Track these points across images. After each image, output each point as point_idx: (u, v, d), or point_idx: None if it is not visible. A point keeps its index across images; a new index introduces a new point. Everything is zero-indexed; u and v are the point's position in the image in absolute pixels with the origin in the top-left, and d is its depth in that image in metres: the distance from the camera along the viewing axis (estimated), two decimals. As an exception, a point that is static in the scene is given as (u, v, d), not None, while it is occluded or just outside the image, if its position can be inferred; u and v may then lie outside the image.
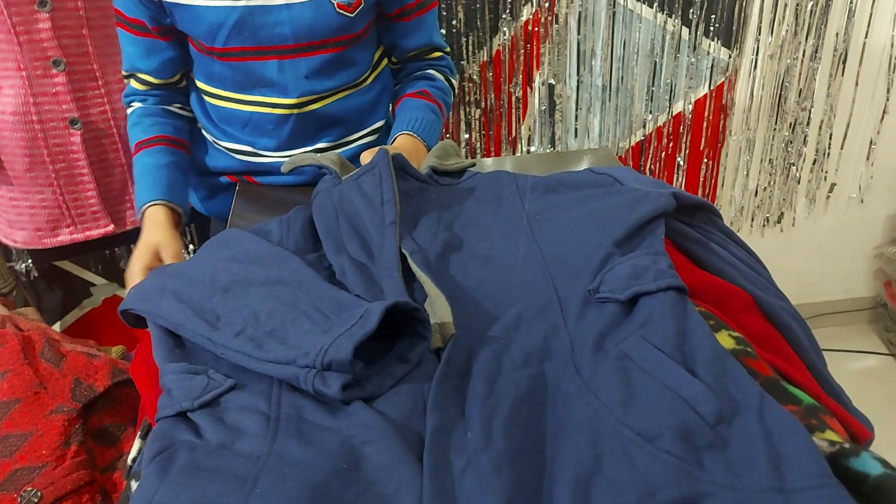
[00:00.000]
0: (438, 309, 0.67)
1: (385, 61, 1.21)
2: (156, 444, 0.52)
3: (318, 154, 0.94)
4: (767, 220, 2.20)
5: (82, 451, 0.93)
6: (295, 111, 1.07)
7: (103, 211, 1.30)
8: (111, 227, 1.32)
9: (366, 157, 0.98)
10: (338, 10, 1.02)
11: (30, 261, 1.64)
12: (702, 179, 2.06)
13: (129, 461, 0.64)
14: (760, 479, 0.47)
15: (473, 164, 0.98)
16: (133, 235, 1.42)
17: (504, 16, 1.77)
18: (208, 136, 1.16)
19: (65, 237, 1.30)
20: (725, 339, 0.67)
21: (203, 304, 0.64)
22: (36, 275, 1.65)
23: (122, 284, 1.80)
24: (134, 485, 0.59)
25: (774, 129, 2.03)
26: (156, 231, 1.01)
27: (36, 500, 0.87)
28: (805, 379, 0.69)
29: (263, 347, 0.59)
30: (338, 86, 1.09)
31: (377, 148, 0.90)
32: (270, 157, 1.12)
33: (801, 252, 2.28)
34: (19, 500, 0.86)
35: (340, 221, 0.80)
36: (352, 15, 1.03)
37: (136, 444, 0.65)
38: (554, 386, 0.59)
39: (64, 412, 0.93)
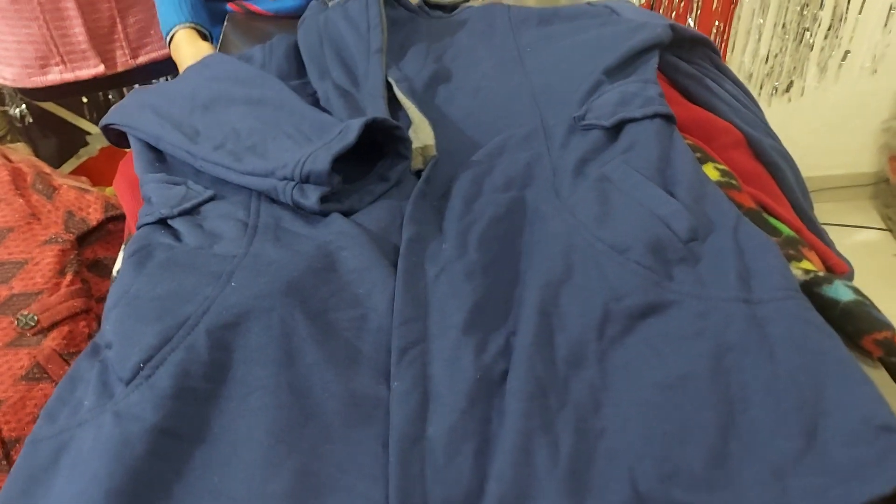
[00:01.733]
0: (422, 133, 0.66)
1: None
2: (134, 245, 0.52)
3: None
4: (776, 90, 2.14)
5: (77, 281, 0.95)
6: None
7: (92, 50, 1.27)
8: (101, 68, 1.29)
9: None
10: None
11: (24, 105, 1.62)
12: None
13: (113, 273, 0.65)
14: (728, 290, 0.48)
15: (468, 0, 0.94)
16: (125, 78, 1.39)
17: None
18: None
19: (55, 76, 1.28)
20: (711, 171, 0.66)
21: (182, 119, 0.63)
22: (31, 120, 1.63)
23: (117, 135, 1.78)
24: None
25: (792, -10, 1.94)
26: (200, 46, 1.00)
27: (33, 324, 0.90)
28: (788, 215, 0.69)
29: (242, 160, 0.58)
30: None
31: None
32: None
33: (807, 124, 2.23)
34: (16, 322, 0.89)
35: (325, 48, 0.77)
36: None
37: (121, 255, 0.66)
38: (532, 208, 0.59)
39: (58, 243, 0.94)
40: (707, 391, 0.43)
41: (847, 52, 2.07)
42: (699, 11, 1.92)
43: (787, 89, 2.13)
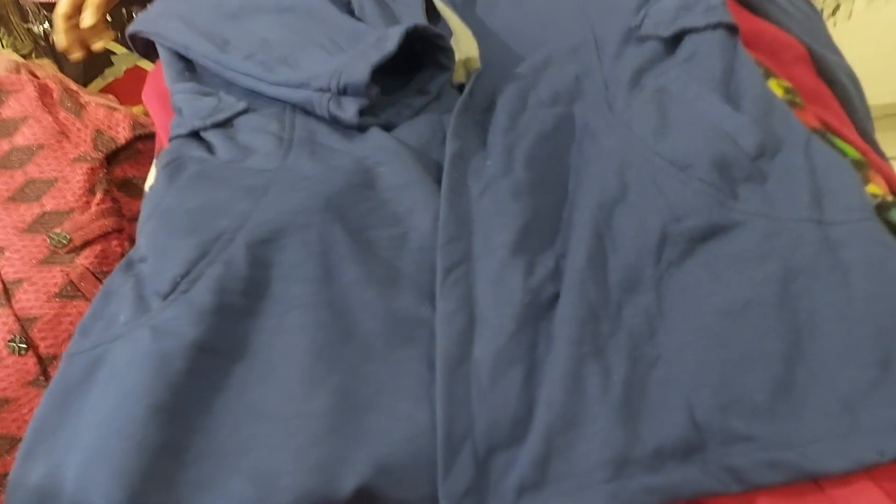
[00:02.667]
0: (463, 44, 0.62)
1: None
2: (166, 157, 0.50)
3: None
4: (821, 13, 2.03)
5: (108, 200, 0.93)
6: None
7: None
8: (123, -18, 1.25)
9: None
10: None
11: (48, 23, 1.58)
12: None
13: (146, 188, 0.63)
14: (798, 210, 0.45)
15: None
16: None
17: None
18: None
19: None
20: (774, 87, 0.62)
21: (210, 28, 0.60)
22: (54, 40, 1.60)
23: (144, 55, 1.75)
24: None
25: None
26: None
27: (65, 242, 0.89)
28: (853, 136, 0.64)
29: (274, 71, 0.55)
30: None
31: None
32: None
33: (853, 51, 2.12)
34: (49, 241, 0.88)
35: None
36: None
37: (152, 170, 0.64)
38: (582, 123, 0.55)
39: (88, 161, 0.93)
40: (773, 318, 0.40)
41: (906, -30, 1.94)
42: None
43: (834, 12, 2.01)
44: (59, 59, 1.68)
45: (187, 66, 0.60)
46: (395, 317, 0.44)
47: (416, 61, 0.60)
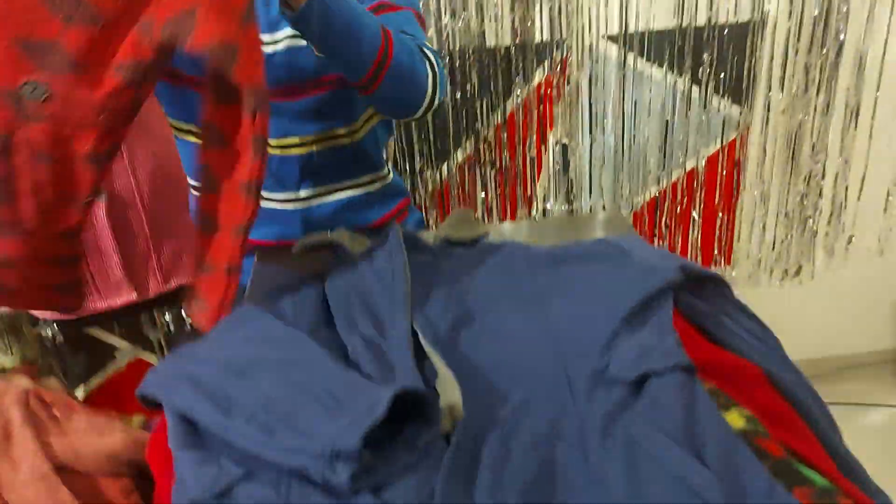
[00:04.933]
0: (448, 390, 0.68)
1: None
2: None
3: (330, 232, 0.96)
4: (786, 273, 2.19)
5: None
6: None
7: (126, 280, 1.34)
8: (134, 296, 1.36)
9: None
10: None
11: (55, 324, 1.68)
12: (718, 233, 2.06)
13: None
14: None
15: (487, 234, 1.00)
16: (156, 302, 1.45)
17: (516, 80, 1.81)
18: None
19: (89, 306, 1.33)
20: (736, 419, 0.67)
21: (216, 387, 0.65)
22: (62, 340, 1.68)
23: (146, 347, 1.83)
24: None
25: (789, 183, 2.04)
26: None
27: None
28: (819, 458, 0.68)
29: (275, 435, 0.60)
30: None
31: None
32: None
33: (822, 304, 2.26)
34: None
35: (352, 298, 0.81)
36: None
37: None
38: (562, 473, 0.59)
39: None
40: None
41: (851, 236, 2.14)
42: (702, 206, 2.01)
43: (798, 273, 2.18)
44: (63, 358, 1.75)
45: (191, 427, 0.65)
46: None
47: (404, 407, 0.65)
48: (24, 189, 0.74)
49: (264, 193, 1.13)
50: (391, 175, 1.27)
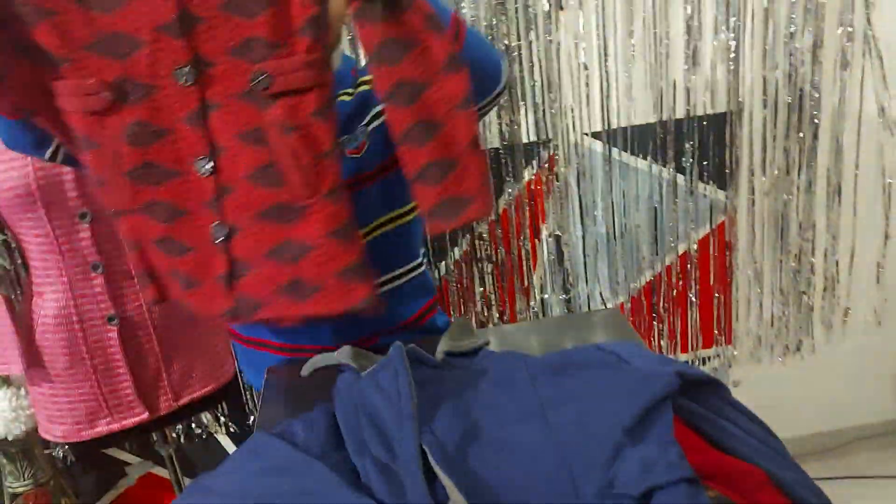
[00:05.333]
0: (458, 512, 0.70)
1: None
2: None
3: (335, 352, 0.99)
4: (787, 348, 2.21)
5: None
6: None
7: (138, 399, 1.36)
8: (146, 415, 1.37)
9: None
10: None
11: (66, 446, 1.68)
12: (715, 314, 2.09)
13: None
14: None
15: (488, 343, 1.03)
16: (166, 420, 1.46)
17: (508, 178, 1.88)
18: None
19: (102, 428, 1.35)
20: (742, 526, 0.68)
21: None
22: (73, 460, 1.69)
23: (157, 462, 1.83)
24: None
25: (780, 261, 2.08)
26: None
27: None
28: (827, 559, 0.69)
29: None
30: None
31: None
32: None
33: (825, 378, 2.27)
34: None
35: (361, 418, 0.84)
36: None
37: None
38: None
39: None
40: None
41: (847, 308, 2.17)
42: (698, 288, 2.05)
43: (798, 348, 2.20)
44: (75, 477, 1.75)
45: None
46: None
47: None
48: (288, 164, 0.86)
49: None
50: (423, 267, 1.27)
